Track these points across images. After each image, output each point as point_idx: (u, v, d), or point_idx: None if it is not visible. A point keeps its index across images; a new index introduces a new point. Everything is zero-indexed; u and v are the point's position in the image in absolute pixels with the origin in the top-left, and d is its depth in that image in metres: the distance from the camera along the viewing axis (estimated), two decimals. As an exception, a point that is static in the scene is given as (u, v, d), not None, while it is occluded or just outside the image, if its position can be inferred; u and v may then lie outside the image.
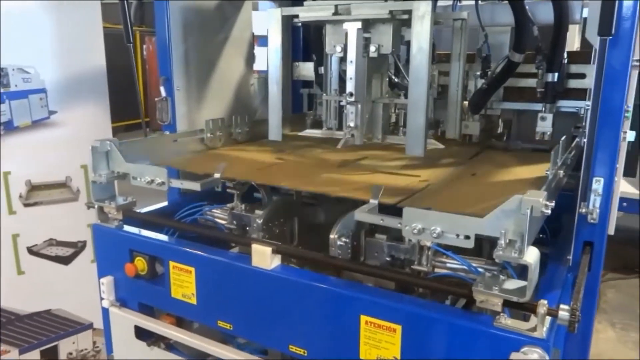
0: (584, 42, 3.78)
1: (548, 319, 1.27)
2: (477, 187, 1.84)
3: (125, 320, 2.08)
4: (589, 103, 2.59)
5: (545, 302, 1.25)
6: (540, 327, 1.26)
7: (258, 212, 2.12)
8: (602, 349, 4.10)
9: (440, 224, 1.37)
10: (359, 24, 1.99)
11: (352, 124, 2.10)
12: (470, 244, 1.34)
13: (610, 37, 1.33)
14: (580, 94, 2.64)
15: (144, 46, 12.82)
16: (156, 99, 2.44)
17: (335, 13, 2.06)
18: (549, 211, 1.22)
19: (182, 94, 2.50)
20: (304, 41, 3.25)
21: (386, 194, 1.60)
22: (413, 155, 2.01)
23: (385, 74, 2.31)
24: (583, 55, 2.71)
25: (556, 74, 2.42)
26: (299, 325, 1.65)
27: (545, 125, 2.49)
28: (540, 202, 1.21)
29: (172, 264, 1.89)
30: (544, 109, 2.51)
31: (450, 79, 2.39)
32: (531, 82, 2.56)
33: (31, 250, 3.10)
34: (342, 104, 2.14)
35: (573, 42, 3.39)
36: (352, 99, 2.06)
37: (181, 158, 2.30)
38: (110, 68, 3.22)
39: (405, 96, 2.79)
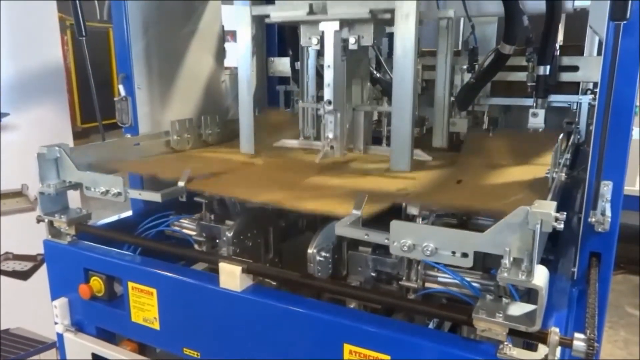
0: (567, 35, 3.66)
1: (559, 348, 1.10)
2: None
3: (81, 347, 1.86)
4: (582, 97, 2.51)
5: (557, 330, 1.08)
6: (551, 358, 1.08)
7: (229, 222, 1.91)
8: (591, 349, 3.99)
9: (434, 239, 1.18)
10: (336, 25, 1.80)
11: (331, 135, 1.91)
12: (468, 263, 1.16)
13: (625, 22, 1.16)
14: (572, 88, 2.50)
15: (117, 44, 12.43)
16: (115, 99, 2.21)
17: (310, 12, 1.87)
18: (562, 226, 1.04)
19: (144, 92, 2.27)
20: (279, 35, 3.05)
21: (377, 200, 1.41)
22: (398, 170, 1.82)
23: (366, 77, 2.12)
24: (576, 46, 2.57)
25: (548, 67, 2.26)
26: (274, 354, 1.45)
27: (537, 122, 2.34)
28: (551, 214, 1.04)
29: (131, 284, 1.68)
30: (535, 104, 2.36)
31: (437, 80, 2.20)
32: (521, 76, 2.42)
33: (-15, 266, 2.84)
34: (319, 113, 1.94)
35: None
36: (331, 107, 1.87)
37: (138, 161, 2.08)
38: (83, 66, 2.98)
39: (387, 94, 2.63)
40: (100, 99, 3.29)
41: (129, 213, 2.30)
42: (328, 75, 1.87)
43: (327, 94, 1.88)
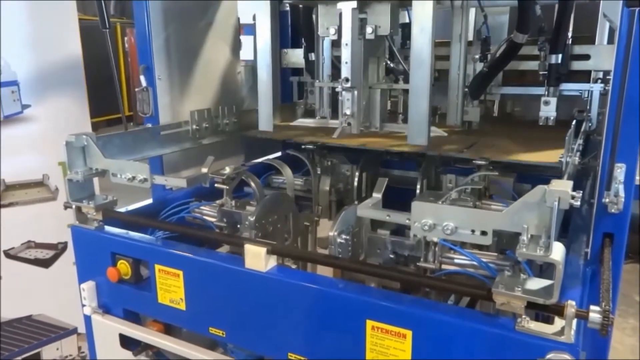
0: (577, 25, 3.69)
1: (575, 320, 1.16)
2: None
3: (109, 328, 1.93)
4: (593, 86, 2.55)
5: (574, 302, 1.13)
6: (568, 330, 1.14)
7: (250, 208, 1.97)
8: (600, 336, 4.04)
9: (454, 219, 1.24)
10: (354, 3, 1.85)
11: (348, 112, 1.96)
12: (487, 241, 1.22)
13: None
14: (583, 77, 2.54)
15: (125, 38, 12.55)
16: (136, 89, 2.27)
17: (328, -9, 1.92)
18: (578, 203, 1.09)
19: (164, 83, 2.33)
20: (292, 27, 3.10)
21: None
22: (415, 144, 1.87)
23: (382, 57, 2.17)
24: (585, 37, 2.60)
25: (560, 56, 2.30)
26: (299, 332, 1.52)
27: (548, 110, 2.38)
28: (568, 192, 1.09)
29: (157, 267, 1.74)
30: (547, 92, 2.39)
31: (451, 63, 2.24)
32: (533, 65, 2.45)
33: (8, 254, 2.92)
34: (337, 90, 1.99)
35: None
36: (348, 84, 1.92)
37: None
38: (90, 61, 3.06)
39: (402, 82, 2.67)
40: (108, 92, 3.35)
41: (149, 201, 2.36)
42: (345, 53, 1.91)
43: (345, 71, 1.92)
